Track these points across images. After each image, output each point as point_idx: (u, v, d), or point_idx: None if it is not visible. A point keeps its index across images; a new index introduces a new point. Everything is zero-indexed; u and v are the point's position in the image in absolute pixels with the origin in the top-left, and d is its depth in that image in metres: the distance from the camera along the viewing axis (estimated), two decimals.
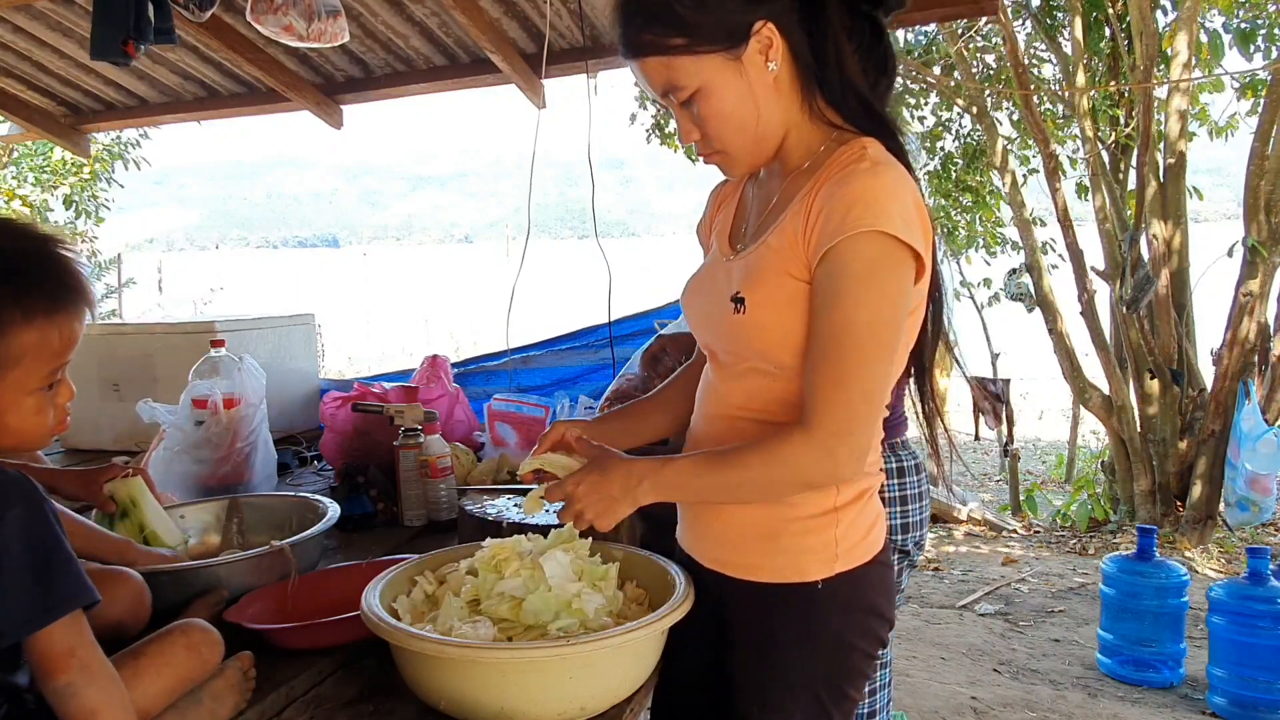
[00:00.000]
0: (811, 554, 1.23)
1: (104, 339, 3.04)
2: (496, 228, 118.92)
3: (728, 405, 1.27)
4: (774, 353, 1.19)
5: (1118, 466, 5.98)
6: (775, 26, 1.16)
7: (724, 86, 1.17)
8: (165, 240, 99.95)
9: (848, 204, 1.10)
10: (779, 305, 1.17)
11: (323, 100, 3.71)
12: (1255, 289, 5.20)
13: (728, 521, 1.27)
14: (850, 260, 1.10)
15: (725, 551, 1.28)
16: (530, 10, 3.14)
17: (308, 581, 1.55)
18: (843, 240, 1.10)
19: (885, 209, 1.09)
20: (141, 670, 1.13)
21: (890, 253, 1.10)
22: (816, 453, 1.11)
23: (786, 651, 1.24)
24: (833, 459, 1.11)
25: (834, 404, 1.10)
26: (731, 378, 1.27)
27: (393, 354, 11.08)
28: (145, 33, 2.62)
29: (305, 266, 35.29)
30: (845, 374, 1.10)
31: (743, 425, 1.25)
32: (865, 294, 1.10)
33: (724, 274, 1.26)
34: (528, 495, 1.30)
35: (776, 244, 1.18)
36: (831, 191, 1.12)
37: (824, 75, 1.20)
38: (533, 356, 3.38)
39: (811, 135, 1.23)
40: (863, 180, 1.11)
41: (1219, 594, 3.30)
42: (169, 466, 2.14)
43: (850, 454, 1.12)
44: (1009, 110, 6.82)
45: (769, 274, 1.18)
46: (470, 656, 1.11)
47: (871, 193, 1.10)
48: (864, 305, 1.10)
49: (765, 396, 1.23)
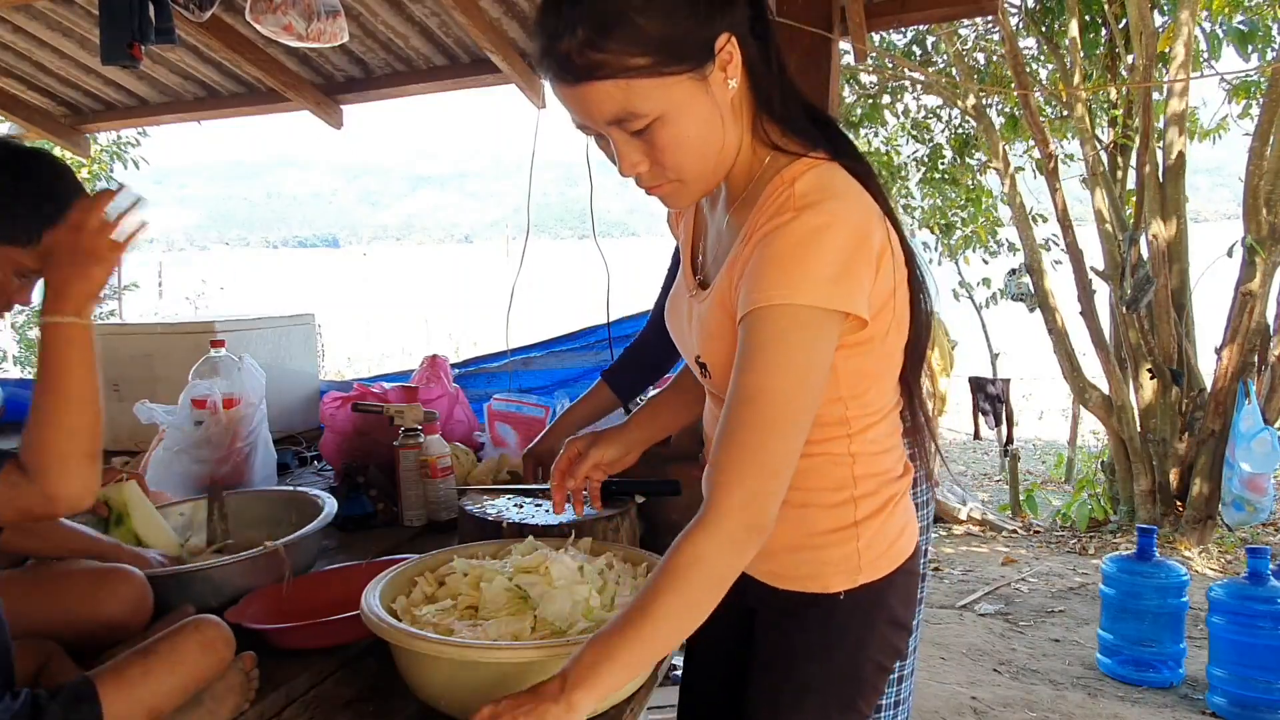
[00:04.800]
0: (833, 566, 1.21)
1: (104, 339, 3.03)
2: (496, 228, 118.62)
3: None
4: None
5: (1118, 466, 5.98)
6: (735, 39, 1.05)
7: (689, 110, 1.04)
8: (165, 240, 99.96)
9: (766, 269, 1.03)
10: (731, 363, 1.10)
11: (323, 100, 3.71)
12: (1255, 288, 5.20)
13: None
14: (759, 330, 1.02)
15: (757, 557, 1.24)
16: (530, 10, 3.14)
17: (307, 581, 1.55)
18: (754, 311, 1.02)
19: (804, 274, 1.01)
20: (152, 669, 1.12)
21: (805, 324, 1.02)
22: (725, 548, 1.00)
23: (803, 661, 1.23)
24: (742, 550, 1.01)
25: (728, 476, 1.01)
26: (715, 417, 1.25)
27: (393, 354, 11.08)
28: (146, 33, 2.62)
29: (305, 266, 35.28)
30: (744, 444, 1.01)
31: None
32: (775, 363, 1.01)
33: (689, 315, 1.24)
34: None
35: (720, 297, 1.13)
36: (759, 249, 1.05)
37: (771, 88, 1.11)
38: (533, 357, 3.38)
39: (752, 157, 1.14)
40: (786, 238, 1.03)
41: (1219, 594, 3.30)
42: (168, 467, 2.14)
43: (758, 538, 1.02)
44: (1000, 107, 6.82)
45: (718, 335, 1.14)
46: (470, 656, 1.10)
47: (789, 258, 1.02)
48: (774, 374, 1.02)
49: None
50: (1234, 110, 5.98)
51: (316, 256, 55.41)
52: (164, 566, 1.56)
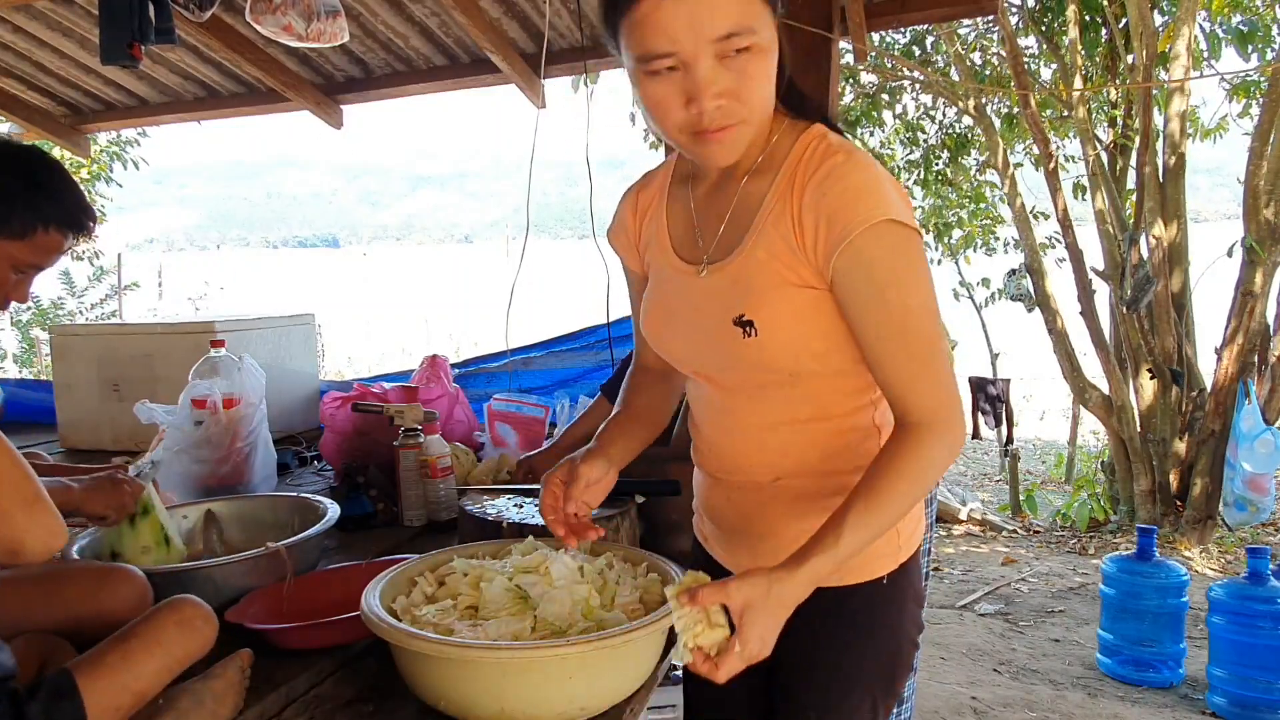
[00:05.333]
0: (877, 551, 1.21)
1: (104, 339, 3.04)
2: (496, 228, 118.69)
3: (753, 421, 1.22)
4: (792, 364, 1.15)
5: (1118, 466, 5.98)
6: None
7: (773, 51, 1.07)
8: (165, 240, 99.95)
9: (847, 199, 1.05)
10: (790, 319, 1.12)
11: (323, 100, 3.71)
12: (1255, 289, 5.20)
13: (781, 536, 1.21)
14: (877, 252, 1.06)
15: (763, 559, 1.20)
16: (530, 10, 3.14)
17: (307, 581, 1.55)
18: (859, 235, 1.05)
19: (886, 196, 1.06)
20: (132, 651, 1.11)
21: (908, 236, 1.07)
22: (946, 446, 1.08)
23: (849, 653, 1.22)
24: (957, 444, 1.09)
25: (935, 393, 1.08)
26: (747, 397, 1.21)
27: (392, 354, 11.07)
28: (146, 33, 2.62)
29: (305, 266, 35.29)
30: (928, 361, 1.08)
31: (785, 432, 1.20)
32: (907, 279, 1.07)
33: (703, 294, 1.18)
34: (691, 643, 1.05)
35: (766, 255, 1.12)
36: (822, 190, 1.07)
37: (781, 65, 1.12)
38: (532, 357, 3.38)
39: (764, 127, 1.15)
40: (851, 172, 1.07)
41: (1219, 594, 3.30)
42: (169, 467, 2.14)
43: (963, 432, 1.11)
44: (998, 108, 6.82)
45: (770, 289, 1.12)
46: (470, 656, 1.10)
47: (866, 183, 1.06)
48: (912, 290, 1.07)
49: (794, 401, 1.18)
50: (1234, 110, 5.99)
51: (316, 256, 55.43)
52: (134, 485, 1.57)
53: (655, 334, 1.29)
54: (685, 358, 1.26)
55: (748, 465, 1.24)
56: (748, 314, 1.12)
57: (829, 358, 1.15)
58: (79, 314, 9.78)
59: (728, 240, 1.17)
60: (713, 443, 1.28)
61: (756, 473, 1.24)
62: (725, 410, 1.24)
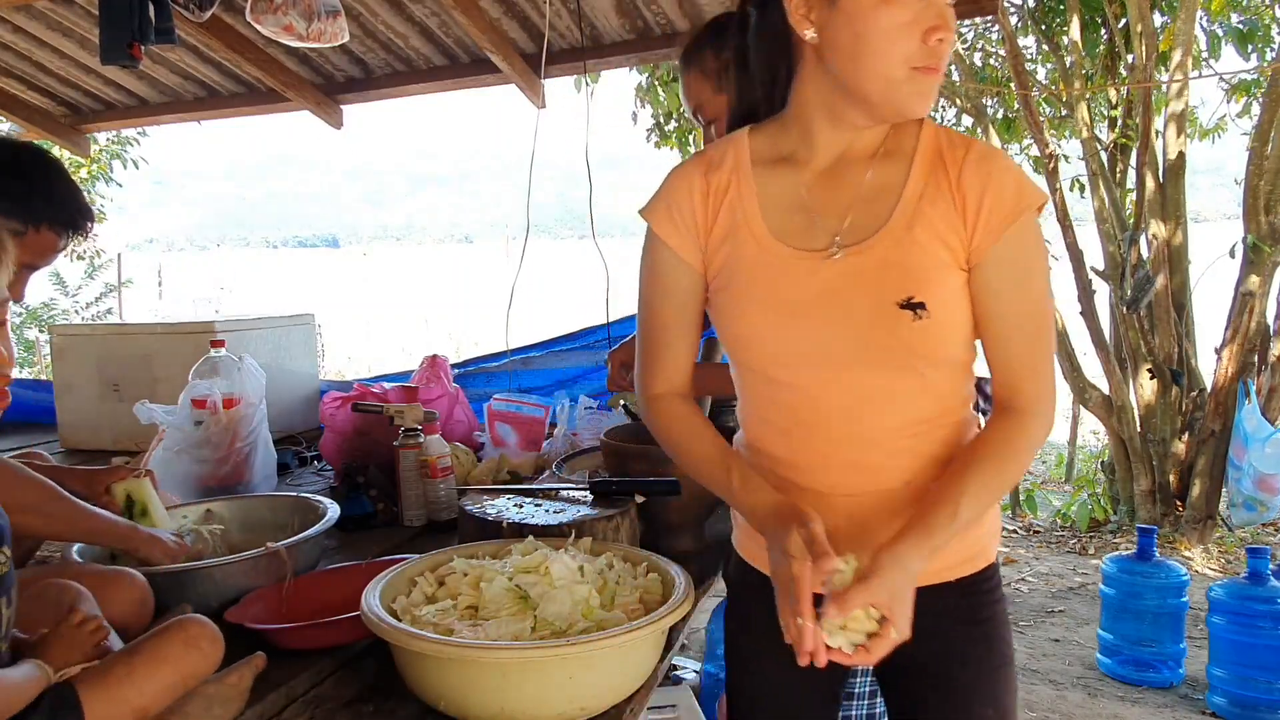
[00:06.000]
0: (989, 533, 1.24)
1: (104, 339, 3.04)
2: (496, 228, 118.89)
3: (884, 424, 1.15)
4: (951, 351, 1.14)
5: (1118, 466, 5.98)
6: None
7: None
8: (165, 240, 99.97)
9: (1009, 184, 1.09)
10: (954, 302, 1.11)
11: (323, 100, 3.71)
12: (1255, 288, 5.20)
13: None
14: (1030, 239, 1.11)
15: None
16: (530, 10, 3.14)
17: (307, 581, 1.55)
18: (1022, 221, 1.09)
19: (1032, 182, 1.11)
20: (136, 668, 1.11)
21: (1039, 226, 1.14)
22: (1043, 434, 1.14)
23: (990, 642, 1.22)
24: (1046, 435, 1.14)
25: (1046, 382, 1.13)
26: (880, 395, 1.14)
27: (392, 354, 11.07)
28: (146, 33, 2.62)
29: (305, 266, 35.29)
30: (1046, 349, 1.13)
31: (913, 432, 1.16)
32: (1043, 268, 1.13)
33: (840, 279, 1.11)
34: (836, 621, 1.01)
35: (927, 236, 1.09)
36: (985, 173, 1.09)
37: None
38: (532, 357, 3.38)
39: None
40: (1000, 158, 1.11)
41: (1219, 594, 3.30)
42: (168, 467, 2.14)
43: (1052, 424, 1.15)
44: (994, 107, 6.82)
45: (934, 269, 1.09)
46: (470, 656, 1.10)
47: (1016, 169, 1.11)
48: (1045, 279, 1.14)
49: (925, 397, 1.15)
50: (1233, 110, 5.98)
51: (316, 256, 55.40)
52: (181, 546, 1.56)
53: (762, 338, 1.16)
54: (812, 354, 1.13)
55: (873, 474, 1.17)
56: (918, 295, 1.08)
57: (968, 345, 1.16)
58: (73, 313, 9.77)
59: (863, 224, 1.12)
60: (826, 456, 1.17)
61: (885, 480, 1.17)
62: (849, 416, 1.15)
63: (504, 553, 1.39)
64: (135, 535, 1.51)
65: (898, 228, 1.10)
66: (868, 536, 1.13)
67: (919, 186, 1.11)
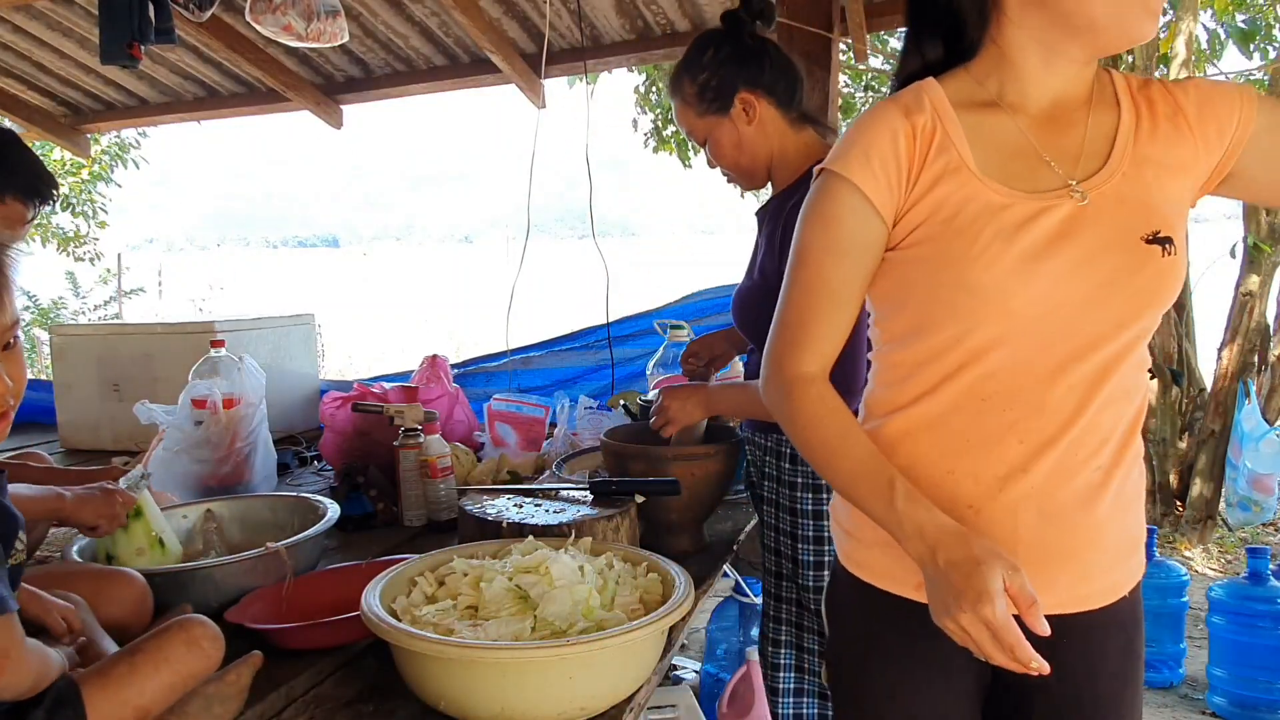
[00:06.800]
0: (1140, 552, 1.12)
1: (104, 340, 3.04)
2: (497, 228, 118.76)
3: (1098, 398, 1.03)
4: (1174, 298, 1.06)
5: None
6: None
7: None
8: (165, 240, 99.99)
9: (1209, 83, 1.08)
10: (1186, 245, 1.05)
11: (323, 100, 3.71)
12: (1255, 288, 5.20)
13: (1108, 543, 1.06)
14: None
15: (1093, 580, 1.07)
16: (530, 10, 3.14)
17: (307, 581, 1.55)
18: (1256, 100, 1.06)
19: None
20: (138, 667, 1.11)
21: None
22: None
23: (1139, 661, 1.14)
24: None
25: None
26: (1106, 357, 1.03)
27: (392, 354, 11.07)
28: (146, 33, 2.62)
29: (305, 266, 35.29)
30: None
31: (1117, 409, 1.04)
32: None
33: (1090, 221, 1.02)
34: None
35: (1155, 174, 1.05)
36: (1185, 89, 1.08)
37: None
38: (532, 357, 3.38)
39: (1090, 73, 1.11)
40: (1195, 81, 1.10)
41: (1219, 594, 3.30)
42: (169, 467, 2.14)
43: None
44: None
45: (1174, 206, 1.05)
46: (470, 656, 1.10)
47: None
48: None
49: (1133, 362, 1.05)
50: None
51: (316, 256, 55.47)
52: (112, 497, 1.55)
53: (1001, 285, 1.01)
54: (1043, 308, 1.02)
55: (1076, 460, 1.03)
56: (1164, 230, 1.01)
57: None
58: (82, 314, 9.79)
59: (1092, 165, 1.06)
60: (1031, 438, 1.03)
61: (1084, 468, 1.03)
62: (1066, 387, 1.02)
63: (504, 553, 1.39)
64: (63, 504, 1.50)
65: (1121, 165, 1.05)
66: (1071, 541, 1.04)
67: (1130, 127, 1.07)
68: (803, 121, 1.76)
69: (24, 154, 1.53)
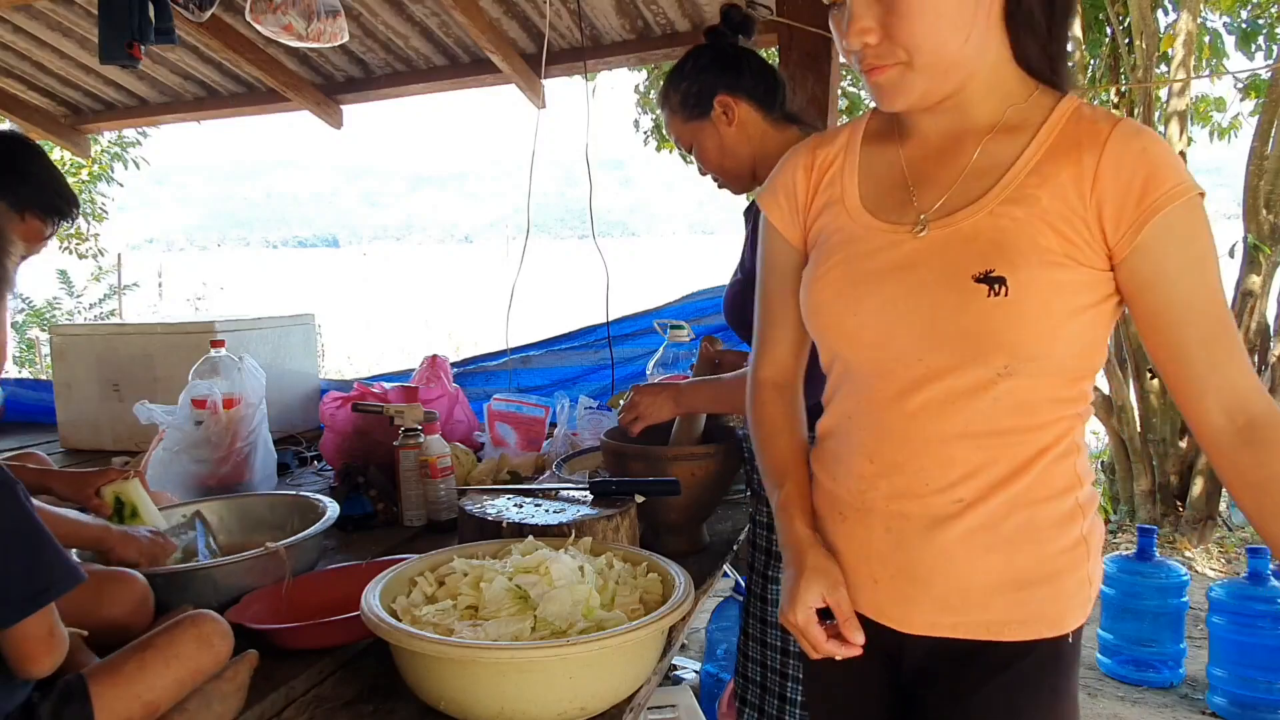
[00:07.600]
0: (1068, 598, 1.04)
1: (104, 339, 3.04)
2: (496, 228, 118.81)
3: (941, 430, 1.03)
4: (1023, 346, 0.98)
5: (1118, 466, 5.98)
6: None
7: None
8: (165, 240, 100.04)
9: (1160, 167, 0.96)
10: (1048, 289, 0.97)
11: (323, 100, 3.71)
12: (1255, 288, 5.20)
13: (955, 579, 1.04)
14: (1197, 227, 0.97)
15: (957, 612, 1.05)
16: (530, 10, 3.14)
17: (307, 581, 1.55)
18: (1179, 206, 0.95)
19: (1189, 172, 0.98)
20: (148, 662, 1.11)
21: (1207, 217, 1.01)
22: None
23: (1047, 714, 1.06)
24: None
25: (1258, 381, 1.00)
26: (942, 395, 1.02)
27: (392, 354, 11.08)
28: (146, 33, 2.62)
29: (305, 266, 35.29)
30: (1241, 347, 0.99)
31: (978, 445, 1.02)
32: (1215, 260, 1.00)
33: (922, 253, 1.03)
34: None
35: (1027, 215, 0.99)
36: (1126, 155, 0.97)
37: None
38: (532, 356, 3.38)
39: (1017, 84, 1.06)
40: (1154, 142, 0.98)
41: (1219, 594, 3.30)
42: (168, 467, 2.14)
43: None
44: None
45: (1030, 250, 0.98)
46: (470, 656, 1.10)
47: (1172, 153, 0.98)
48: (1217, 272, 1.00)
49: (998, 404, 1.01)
50: (1245, 108, 5.96)
51: (316, 256, 55.49)
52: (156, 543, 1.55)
53: (831, 307, 1.09)
54: (876, 334, 1.05)
55: (924, 487, 1.04)
56: (998, 270, 0.97)
57: (1068, 345, 1.00)
58: (77, 314, 9.78)
59: (960, 199, 1.04)
60: (879, 459, 1.07)
61: (934, 497, 1.03)
62: (906, 414, 1.04)
63: (504, 553, 1.39)
64: (108, 536, 1.49)
65: (994, 203, 1.01)
66: (914, 567, 1.05)
67: (1032, 163, 1.01)
68: (786, 121, 1.80)
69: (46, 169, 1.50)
